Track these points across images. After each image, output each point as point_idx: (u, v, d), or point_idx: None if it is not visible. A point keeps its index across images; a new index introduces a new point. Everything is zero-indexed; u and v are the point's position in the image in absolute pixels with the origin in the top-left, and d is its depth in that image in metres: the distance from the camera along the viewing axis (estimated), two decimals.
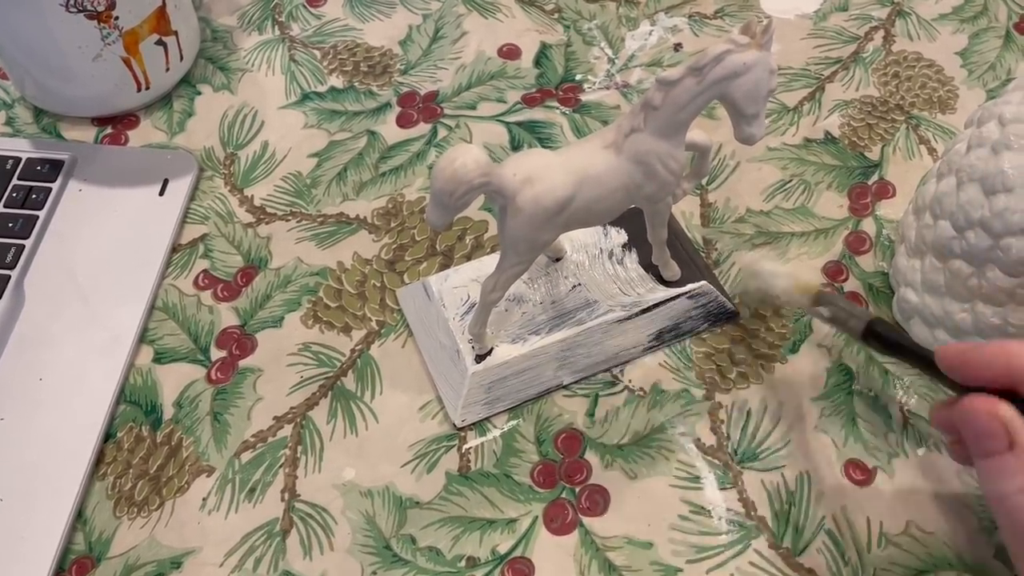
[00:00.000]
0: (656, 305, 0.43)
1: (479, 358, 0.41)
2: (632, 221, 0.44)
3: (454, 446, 0.41)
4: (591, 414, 0.42)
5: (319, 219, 0.49)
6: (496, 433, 0.42)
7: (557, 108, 0.54)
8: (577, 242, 0.45)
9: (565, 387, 0.43)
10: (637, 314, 0.43)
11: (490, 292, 0.38)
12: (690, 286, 0.44)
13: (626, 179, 0.36)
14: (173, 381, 0.43)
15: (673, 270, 0.44)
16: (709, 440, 0.42)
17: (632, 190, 0.36)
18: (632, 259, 0.45)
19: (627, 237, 0.45)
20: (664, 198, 0.38)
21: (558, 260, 0.44)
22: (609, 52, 0.57)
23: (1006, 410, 0.30)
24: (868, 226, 0.49)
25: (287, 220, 0.49)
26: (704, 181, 0.50)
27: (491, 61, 0.56)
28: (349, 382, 0.43)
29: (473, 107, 0.54)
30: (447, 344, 0.42)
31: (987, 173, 0.37)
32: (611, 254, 0.45)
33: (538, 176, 0.34)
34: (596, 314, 0.42)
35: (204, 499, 0.40)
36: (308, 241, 0.48)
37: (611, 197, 0.36)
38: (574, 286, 0.43)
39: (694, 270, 0.44)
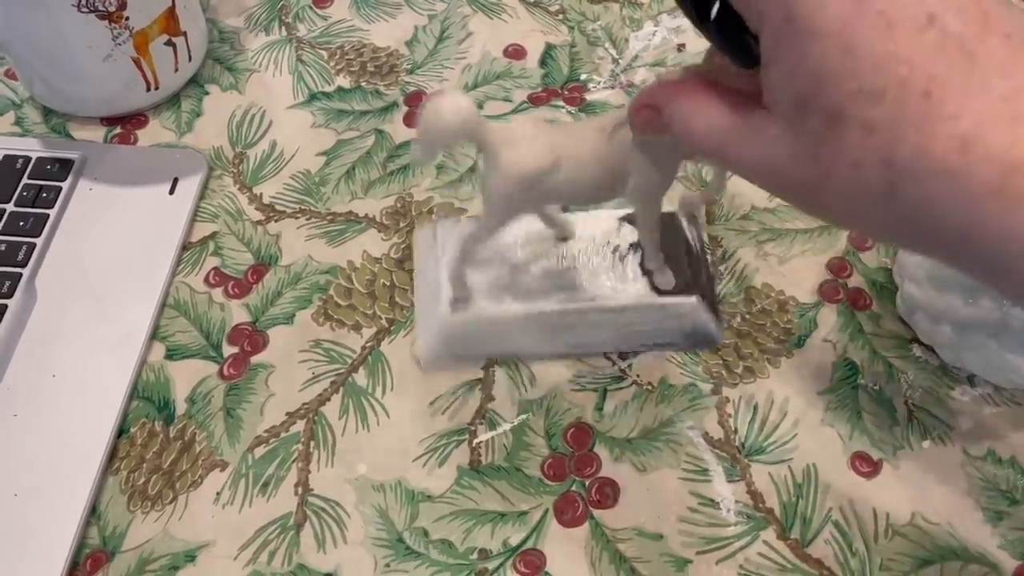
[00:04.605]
0: (633, 307, 0.43)
1: (456, 303, 0.42)
2: None
3: (465, 440, 0.42)
4: (600, 408, 0.43)
5: (328, 217, 0.49)
6: (506, 427, 0.42)
7: (562, 108, 0.54)
8: (588, 229, 0.45)
9: (542, 360, 0.44)
10: (611, 310, 0.43)
11: (467, 239, 0.39)
12: (675, 300, 0.43)
13: (611, 165, 0.36)
14: (185, 377, 0.44)
15: (665, 278, 0.43)
16: (717, 433, 0.42)
17: (616, 177, 0.36)
18: (635, 259, 0.44)
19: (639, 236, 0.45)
20: (650, 196, 0.38)
21: (564, 240, 0.45)
22: (613, 52, 0.57)
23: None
24: None
25: (296, 218, 0.49)
26: (710, 179, 0.51)
27: (496, 61, 0.57)
28: (360, 378, 0.44)
29: (480, 107, 0.54)
30: (433, 286, 0.43)
31: None
32: (616, 248, 0.45)
33: (521, 142, 0.35)
34: (576, 299, 0.43)
35: (218, 493, 0.40)
36: (318, 239, 0.48)
37: (593, 180, 0.36)
38: (569, 268, 0.44)
39: (692, 286, 0.43)
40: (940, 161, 0.21)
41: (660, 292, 0.43)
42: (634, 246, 0.45)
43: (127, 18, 0.48)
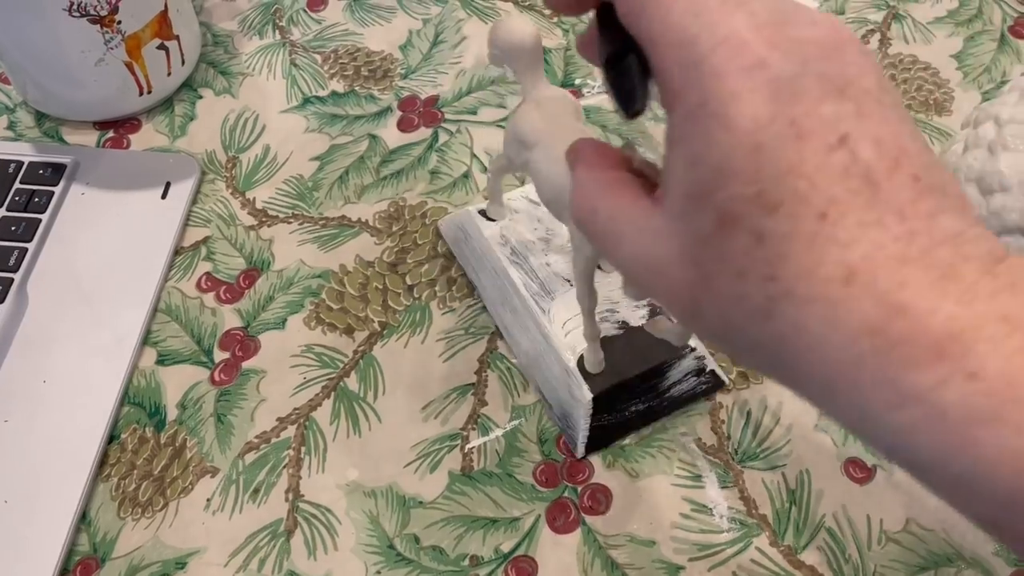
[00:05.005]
0: (553, 348, 0.41)
1: (482, 213, 0.45)
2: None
3: (457, 446, 0.42)
4: None
5: (321, 222, 0.49)
6: (498, 433, 0.42)
7: None
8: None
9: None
10: (540, 331, 0.41)
11: (492, 163, 0.43)
12: (580, 380, 0.40)
13: (558, 185, 0.34)
14: (176, 383, 0.44)
15: (592, 359, 0.39)
16: (710, 439, 0.42)
17: (556, 200, 0.35)
18: (616, 323, 0.42)
19: (645, 314, 0.42)
20: (577, 257, 0.36)
21: (600, 268, 0.43)
22: None
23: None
24: None
25: (289, 222, 0.49)
26: None
27: (491, 66, 0.56)
28: (352, 383, 0.44)
29: (474, 112, 0.54)
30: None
31: (984, 173, 0.37)
32: (616, 303, 0.42)
33: (541, 104, 0.35)
34: (535, 296, 0.42)
35: (208, 500, 0.40)
36: (310, 244, 0.48)
37: (547, 184, 0.35)
38: (568, 280, 0.43)
39: (609, 393, 0.40)
40: (822, 286, 0.20)
41: (580, 366, 0.40)
42: (622, 326, 0.42)
43: (119, 22, 0.48)
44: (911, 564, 0.39)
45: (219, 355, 0.44)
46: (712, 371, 0.42)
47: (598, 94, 0.55)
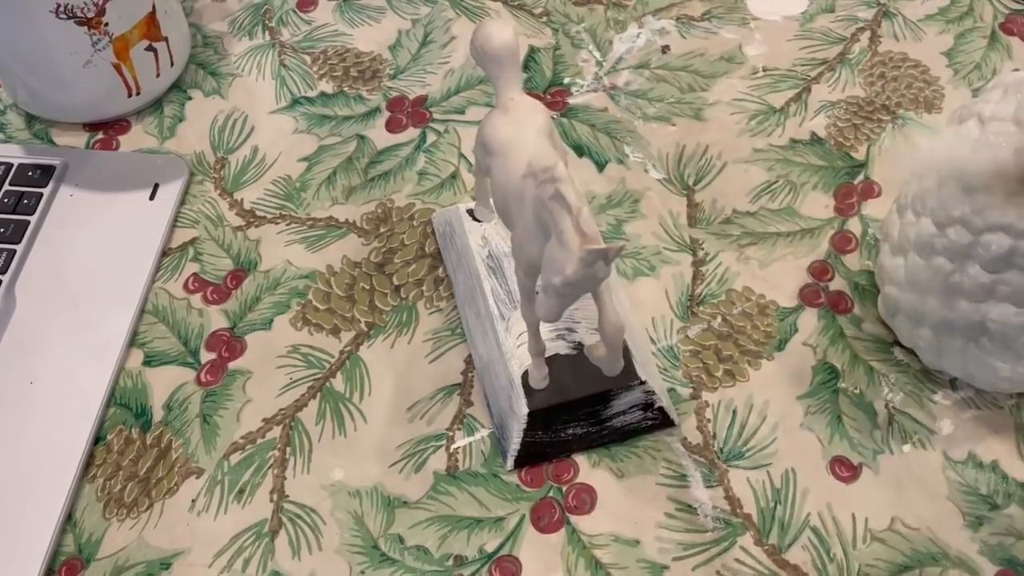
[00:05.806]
0: (505, 356, 0.41)
1: (471, 212, 0.46)
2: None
3: (442, 446, 0.42)
4: None
5: (308, 222, 0.49)
6: (484, 433, 0.42)
7: None
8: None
9: None
10: (496, 337, 0.42)
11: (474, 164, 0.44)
12: (521, 396, 0.40)
13: (509, 196, 0.34)
14: (163, 384, 0.44)
15: (536, 374, 0.40)
16: (695, 439, 0.42)
17: (507, 211, 0.35)
18: (572, 343, 0.41)
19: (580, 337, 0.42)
20: (519, 262, 0.36)
21: None
22: (597, 55, 0.57)
23: None
24: (854, 225, 0.49)
25: (276, 223, 0.49)
26: (692, 182, 0.51)
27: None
28: (338, 383, 0.44)
29: (462, 112, 0.54)
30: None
31: None
32: (577, 322, 0.42)
33: (509, 112, 0.35)
34: (499, 302, 0.42)
35: (193, 500, 0.40)
36: (297, 244, 0.48)
37: (499, 192, 0.35)
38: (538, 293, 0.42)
39: (546, 415, 0.40)
40: None
41: (524, 380, 0.40)
42: (579, 346, 0.41)
43: (106, 24, 0.48)
44: (896, 563, 0.38)
45: (205, 356, 0.45)
46: (660, 408, 0.41)
47: (587, 93, 0.55)
